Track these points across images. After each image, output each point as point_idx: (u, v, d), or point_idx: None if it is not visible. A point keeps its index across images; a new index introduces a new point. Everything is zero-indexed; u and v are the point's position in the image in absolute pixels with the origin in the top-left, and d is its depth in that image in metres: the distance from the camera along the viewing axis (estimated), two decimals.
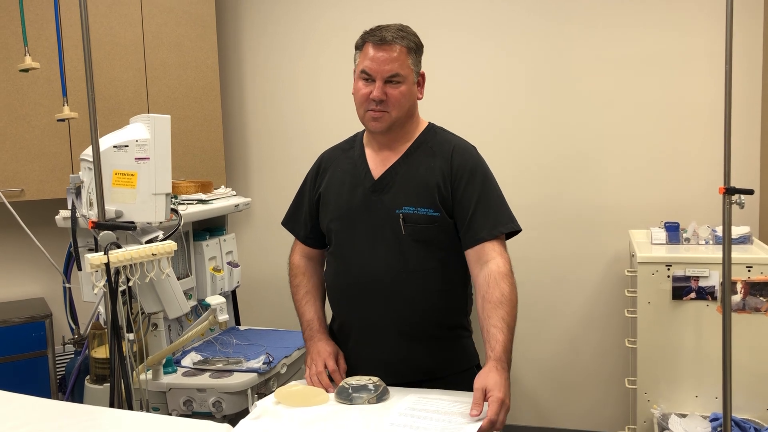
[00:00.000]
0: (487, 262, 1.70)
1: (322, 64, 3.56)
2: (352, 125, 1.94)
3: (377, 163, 1.83)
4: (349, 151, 1.91)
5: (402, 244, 1.75)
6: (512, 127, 3.29)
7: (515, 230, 1.77)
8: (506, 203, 1.80)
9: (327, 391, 1.69)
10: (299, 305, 1.94)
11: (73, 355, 2.79)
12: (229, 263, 2.77)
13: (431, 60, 3.31)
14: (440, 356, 1.82)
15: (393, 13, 3.39)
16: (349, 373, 1.72)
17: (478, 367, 1.91)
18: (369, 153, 1.86)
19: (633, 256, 2.74)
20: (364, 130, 1.92)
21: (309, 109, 3.61)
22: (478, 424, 1.44)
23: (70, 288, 2.41)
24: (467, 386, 1.82)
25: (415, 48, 1.78)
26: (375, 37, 1.74)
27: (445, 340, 1.84)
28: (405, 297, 1.75)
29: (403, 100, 1.75)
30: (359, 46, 1.79)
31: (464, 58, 3.35)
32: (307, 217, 1.94)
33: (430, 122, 1.90)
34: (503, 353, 1.59)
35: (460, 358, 1.87)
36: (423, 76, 1.83)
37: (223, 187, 2.88)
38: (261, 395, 2.18)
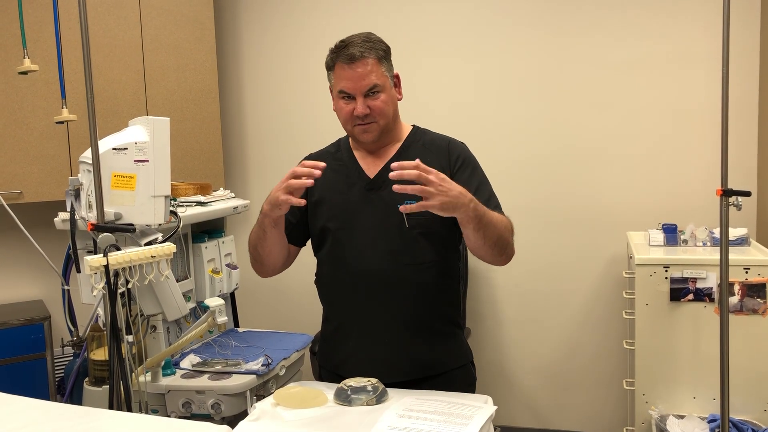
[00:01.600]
0: None
1: (320, 66, 3.53)
2: None
3: (369, 163, 1.87)
4: (336, 153, 1.94)
5: (405, 238, 1.78)
6: (510, 128, 3.30)
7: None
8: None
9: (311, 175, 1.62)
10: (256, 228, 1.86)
11: (71, 357, 2.79)
12: (227, 265, 2.78)
13: (429, 62, 3.33)
14: (439, 351, 1.86)
15: (391, 16, 3.41)
16: (351, 374, 1.73)
17: (473, 364, 1.94)
18: (358, 155, 1.90)
19: (631, 257, 2.74)
20: (347, 135, 1.95)
21: (307, 110, 3.61)
22: (478, 426, 1.44)
23: (68, 290, 2.41)
24: (464, 382, 1.88)
25: (384, 55, 1.81)
26: (344, 57, 1.76)
27: (443, 335, 1.88)
28: (408, 290, 1.79)
29: (386, 107, 1.80)
30: (330, 67, 1.83)
31: (463, 60, 3.35)
32: (288, 215, 1.94)
33: (414, 125, 1.95)
34: (482, 208, 1.65)
35: (456, 354, 1.92)
36: (398, 77, 1.88)
37: (221, 189, 2.89)
38: (260, 397, 2.18)
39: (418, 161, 1.54)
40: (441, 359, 1.87)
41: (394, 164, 1.55)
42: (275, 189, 1.67)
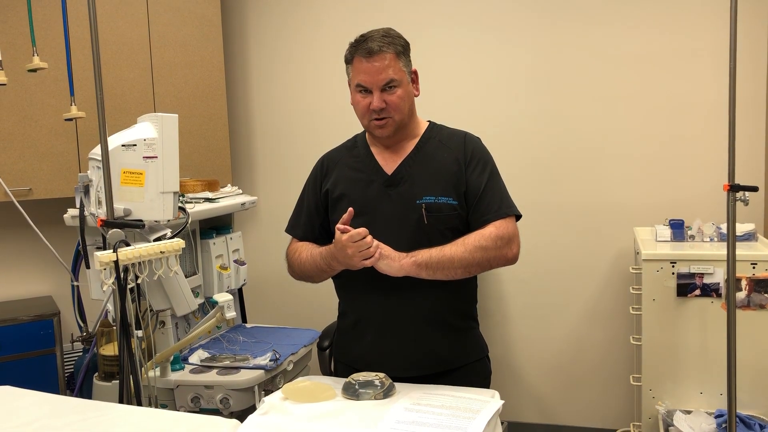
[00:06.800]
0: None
1: (327, 63, 3.57)
2: (357, 124, 1.95)
3: (386, 159, 1.87)
4: (354, 149, 1.94)
5: (424, 233, 1.79)
6: (516, 124, 3.30)
7: (517, 214, 1.86)
8: (508, 192, 1.89)
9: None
10: (307, 255, 1.90)
11: (81, 353, 2.81)
12: (235, 261, 2.79)
13: (433, 57, 3.34)
14: (456, 346, 1.88)
15: (396, 12, 3.41)
16: (368, 369, 1.74)
17: (488, 358, 1.96)
18: (375, 151, 1.90)
19: (638, 253, 2.74)
20: (364, 131, 1.95)
21: (314, 107, 3.62)
22: (485, 420, 1.45)
23: (78, 286, 2.43)
24: (480, 376, 1.90)
25: (403, 50, 1.82)
26: (363, 51, 1.77)
27: (460, 330, 1.90)
28: (427, 286, 1.78)
29: (402, 103, 1.81)
30: (349, 60, 1.83)
31: (468, 56, 3.35)
32: (314, 217, 1.96)
33: (430, 120, 1.94)
34: (428, 260, 1.73)
35: (473, 348, 1.94)
36: (415, 73, 1.88)
37: (229, 185, 2.90)
38: (268, 392, 2.19)
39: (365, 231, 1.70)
40: (458, 354, 1.89)
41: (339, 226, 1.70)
42: (344, 252, 1.71)
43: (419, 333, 1.83)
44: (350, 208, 1.73)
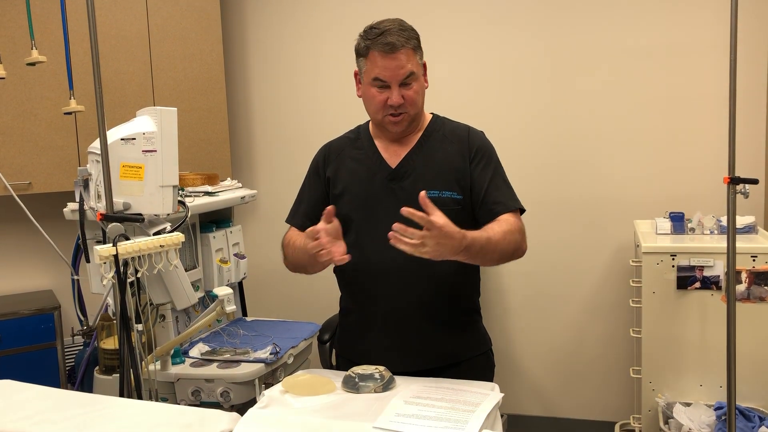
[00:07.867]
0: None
1: (327, 56, 3.56)
2: (357, 117, 1.95)
3: (390, 152, 1.86)
4: (357, 141, 1.93)
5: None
6: (517, 118, 3.30)
7: (522, 208, 1.85)
8: (512, 186, 1.88)
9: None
10: (301, 244, 1.80)
11: (81, 347, 2.82)
12: (235, 255, 2.79)
13: (434, 52, 3.30)
14: (459, 340, 1.88)
15: (398, 5, 3.39)
16: (371, 364, 1.74)
17: (492, 351, 1.95)
18: (379, 144, 1.89)
19: (638, 246, 2.74)
20: (367, 122, 1.94)
21: (314, 100, 3.61)
22: (485, 413, 1.45)
23: (78, 280, 2.43)
24: (483, 369, 1.90)
25: (418, 44, 1.80)
26: (382, 45, 1.73)
27: (464, 324, 1.90)
28: (430, 280, 1.78)
29: (418, 97, 1.80)
30: (363, 53, 1.78)
31: (469, 51, 3.34)
32: (315, 206, 1.94)
33: (433, 113, 1.93)
34: (476, 240, 1.62)
35: (476, 342, 1.94)
36: (425, 65, 1.86)
37: (228, 179, 2.90)
38: (268, 385, 2.19)
39: (423, 194, 1.53)
40: (462, 348, 1.88)
41: (404, 210, 1.51)
42: (310, 244, 1.65)
43: (422, 328, 1.82)
44: (329, 207, 1.67)
